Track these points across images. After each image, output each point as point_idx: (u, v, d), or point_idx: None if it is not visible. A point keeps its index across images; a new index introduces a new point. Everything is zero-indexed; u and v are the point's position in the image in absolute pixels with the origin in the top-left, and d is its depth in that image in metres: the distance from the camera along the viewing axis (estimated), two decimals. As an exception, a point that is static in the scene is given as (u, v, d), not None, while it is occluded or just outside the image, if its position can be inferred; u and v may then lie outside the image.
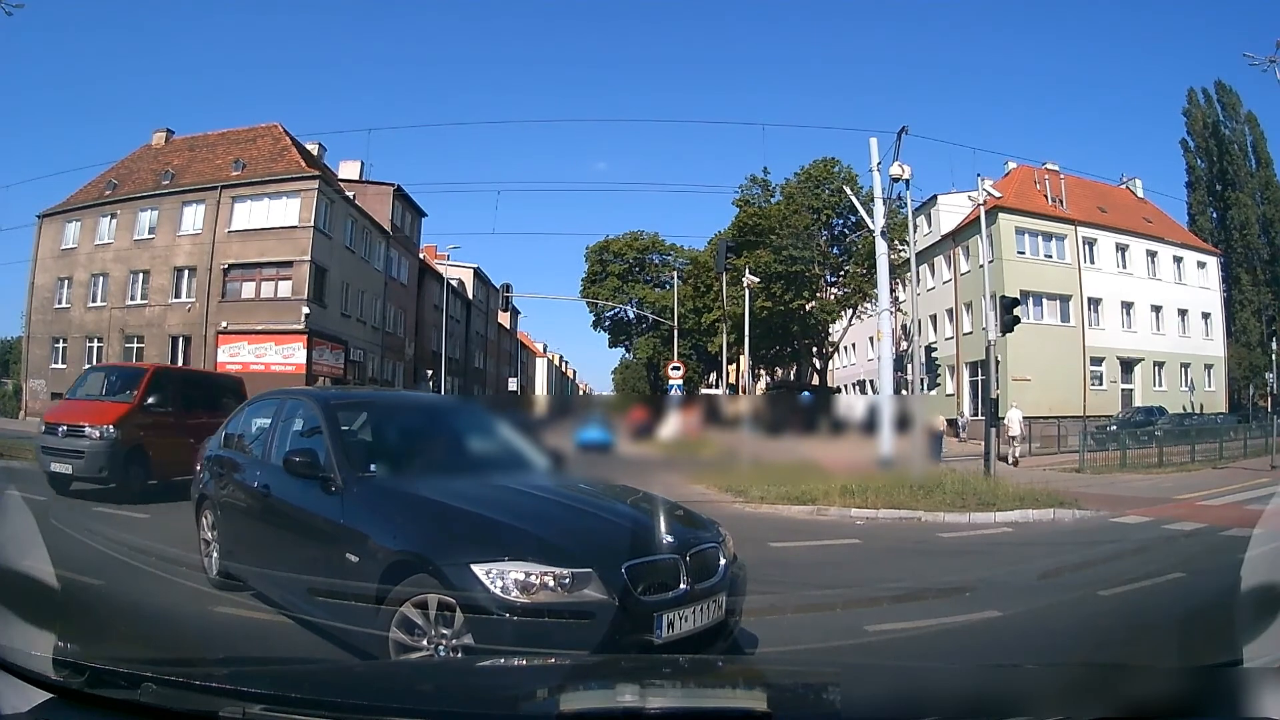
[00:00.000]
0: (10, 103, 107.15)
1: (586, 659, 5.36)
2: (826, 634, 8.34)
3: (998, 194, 36.62)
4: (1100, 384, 55.75)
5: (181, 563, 10.49)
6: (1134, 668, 4.72)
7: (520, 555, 5.86)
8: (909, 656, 7.37)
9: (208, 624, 8.10)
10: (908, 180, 27.79)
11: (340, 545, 6.75)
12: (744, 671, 4.94)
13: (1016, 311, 26.85)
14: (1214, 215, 75.21)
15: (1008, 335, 27.85)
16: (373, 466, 7.68)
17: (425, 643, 5.82)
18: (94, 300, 55.41)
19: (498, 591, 5.64)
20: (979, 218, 34.58)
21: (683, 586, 6.16)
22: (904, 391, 33.38)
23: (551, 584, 5.72)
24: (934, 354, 42.34)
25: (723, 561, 6.66)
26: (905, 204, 32.14)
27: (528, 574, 5.71)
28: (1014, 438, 36.03)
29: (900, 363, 37.56)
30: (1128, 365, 58.11)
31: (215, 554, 9.33)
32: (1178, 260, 62.49)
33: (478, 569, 5.71)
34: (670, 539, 6.56)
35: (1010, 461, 32.97)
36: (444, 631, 5.75)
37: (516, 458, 8.69)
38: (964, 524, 16.81)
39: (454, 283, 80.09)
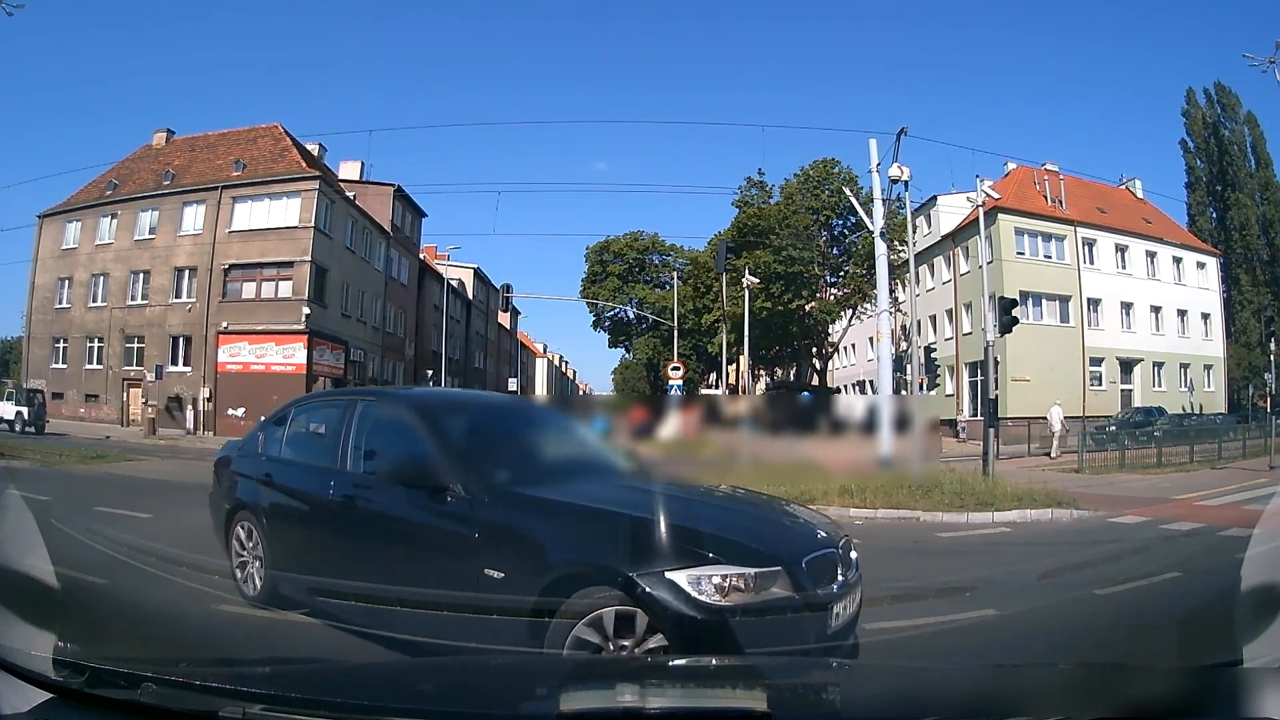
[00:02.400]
0: (11, 103, 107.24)
1: (586, 659, 5.37)
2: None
3: (996, 195, 36.63)
4: (1100, 384, 55.76)
5: (181, 563, 10.50)
6: (1134, 668, 4.72)
7: (715, 558, 5.83)
8: (908, 656, 7.35)
9: (208, 624, 8.07)
10: (907, 181, 27.80)
11: (475, 560, 6.40)
12: (744, 671, 4.90)
13: (1015, 312, 26.84)
14: (1213, 216, 75.30)
15: (1006, 336, 27.81)
16: (497, 473, 7.34)
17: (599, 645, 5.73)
18: (94, 300, 55.55)
19: (698, 596, 5.59)
20: (978, 219, 34.59)
21: (841, 578, 6.35)
22: (903, 392, 33.39)
23: (744, 585, 5.71)
24: (933, 354, 42.38)
25: (854, 553, 6.88)
26: (904, 205, 32.16)
27: (725, 576, 5.68)
28: (1055, 434, 36.84)
29: (900, 363, 37.47)
30: (1127, 366, 58.15)
31: (256, 570, 8.62)
32: (1177, 261, 62.50)
33: (676, 575, 5.64)
34: (824, 534, 6.80)
35: (1053, 456, 34.68)
36: (623, 643, 5.64)
37: (609, 458, 8.55)
38: (962, 524, 16.79)
39: (454, 283, 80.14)
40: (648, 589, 5.60)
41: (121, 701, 3.26)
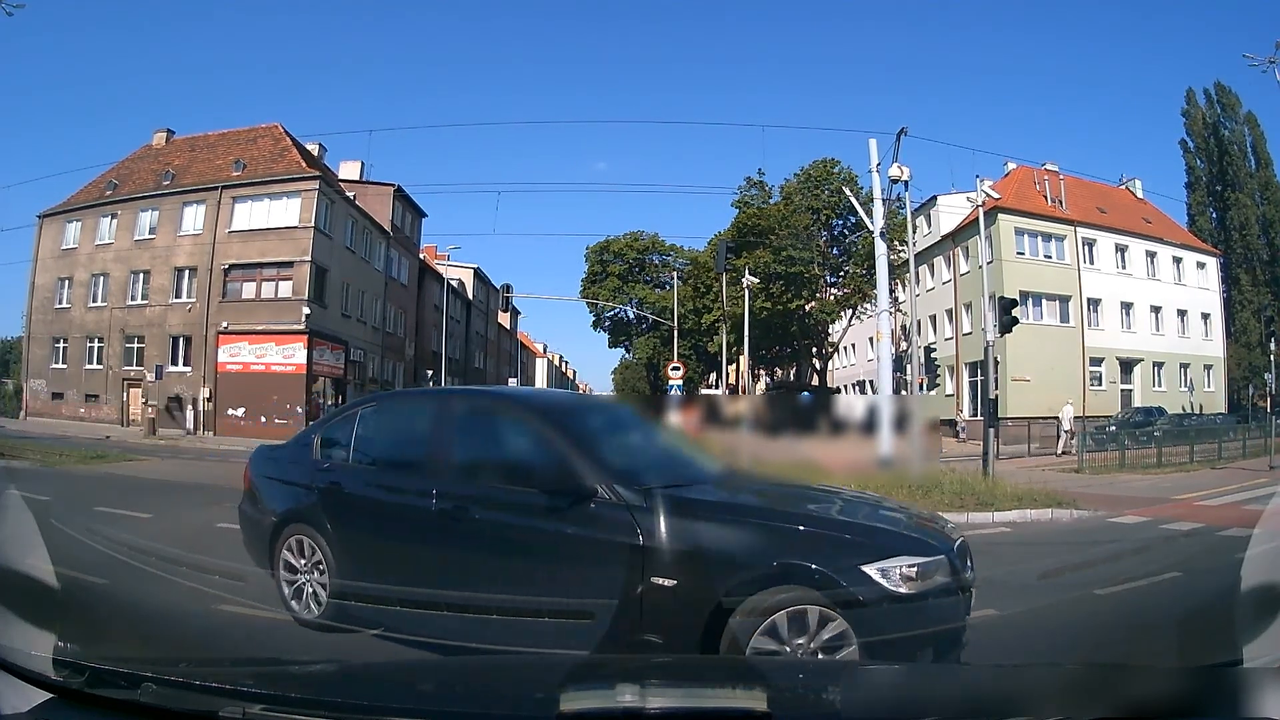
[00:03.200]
0: (11, 103, 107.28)
1: (587, 659, 5.38)
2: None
3: (996, 195, 36.63)
4: (1100, 384, 55.79)
5: (181, 562, 10.49)
6: (1134, 668, 4.72)
7: (898, 550, 6.13)
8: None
9: (208, 624, 8.04)
10: (906, 181, 27.77)
11: (640, 567, 6.21)
12: (744, 671, 4.93)
13: (1015, 312, 26.82)
14: (1213, 216, 75.35)
15: (1006, 336, 27.79)
16: (642, 475, 6.98)
17: (779, 645, 5.86)
18: (94, 300, 55.49)
19: (889, 587, 5.85)
20: (978, 219, 34.59)
21: (970, 565, 6.65)
22: (903, 392, 33.39)
23: (921, 573, 6.00)
24: (934, 354, 42.39)
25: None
26: (904, 205, 32.15)
27: (909, 566, 5.97)
28: (1067, 432, 38.06)
29: (900, 363, 37.50)
30: (1127, 366, 58.18)
31: (314, 588, 7.91)
32: (1177, 261, 62.55)
33: (869, 569, 5.87)
34: (950, 524, 7.47)
35: (1058, 454, 35.56)
36: (798, 641, 5.79)
37: (702, 456, 8.38)
38: (962, 523, 16.52)
39: (454, 283, 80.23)
40: (845, 583, 5.83)
41: (121, 701, 3.26)
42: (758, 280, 53.76)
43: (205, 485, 21.72)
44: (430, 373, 66.37)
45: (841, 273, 61.39)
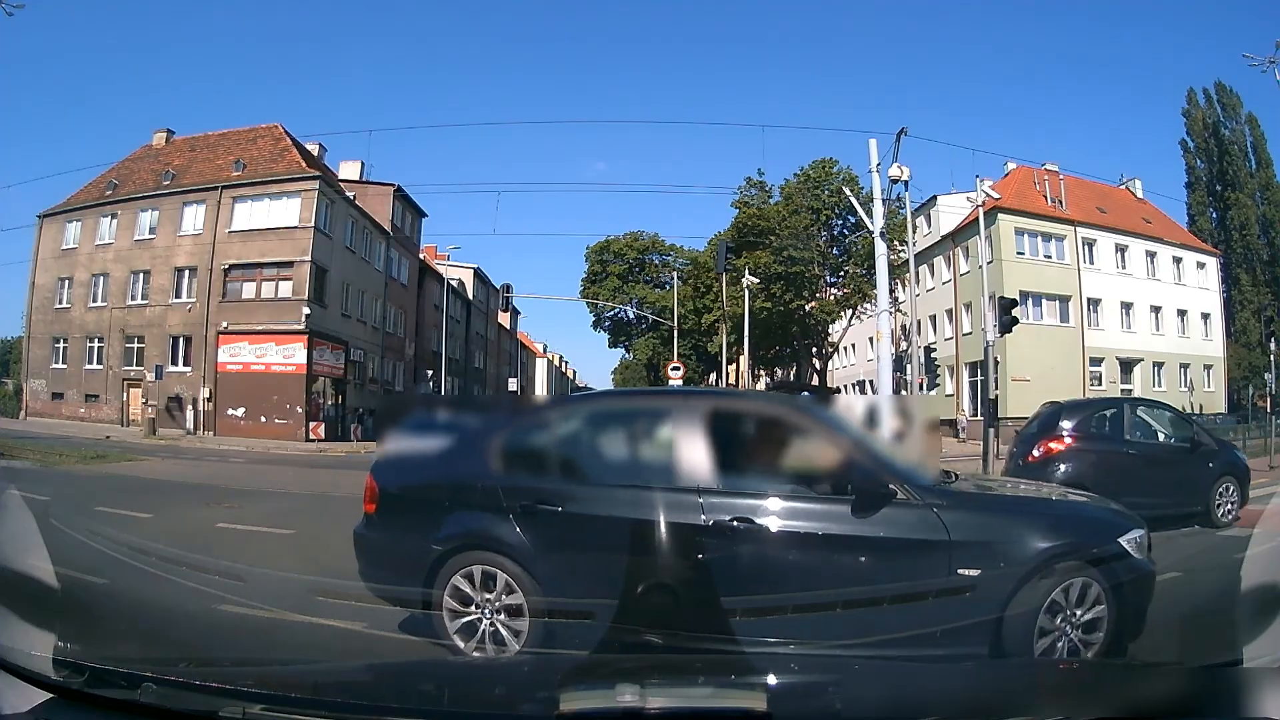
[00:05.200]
0: (11, 103, 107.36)
1: (587, 659, 5.38)
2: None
3: (996, 195, 36.62)
4: (1100, 385, 55.63)
5: (181, 562, 10.49)
6: (1134, 667, 4.74)
7: (1128, 525, 6.84)
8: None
9: (208, 624, 8.02)
10: (906, 181, 27.76)
11: (947, 562, 6.37)
12: (744, 671, 4.94)
13: (1015, 312, 26.84)
14: (1213, 216, 75.31)
15: (1006, 336, 27.79)
16: (914, 472, 6.99)
17: (1059, 621, 6.31)
18: (94, 300, 55.41)
19: (1138, 556, 6.63)
20: (978, 219, 34.61)
21: None
22: (904, 392, 33.37)
23: (1144, 543, 6.78)
24: (933, 354, 42.35)
25: None
26: (904, 205, 32.17)
27: (1140, 536, 6.74)
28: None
29: (900, 363, 37.47)
30: (1127, 366, 58.07)
31: (496, 623, 6.94)
32: (1177, 261, 62.51)
33: (1124, 540, 6.63)
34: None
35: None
36: (1076, 612, 6.32)
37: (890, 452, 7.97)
38: None
39: (454, 283, 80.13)
40: (1107, 556, 6.45)
41: (121, 701, 3.27)
42: (758, 280, 53.77)
43: (205, 485, 21.92)
44: (430, 372, 66.37)
45: (841, 273, 61.25)
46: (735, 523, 6.61)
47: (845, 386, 76.02)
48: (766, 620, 6.59)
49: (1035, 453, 15.68)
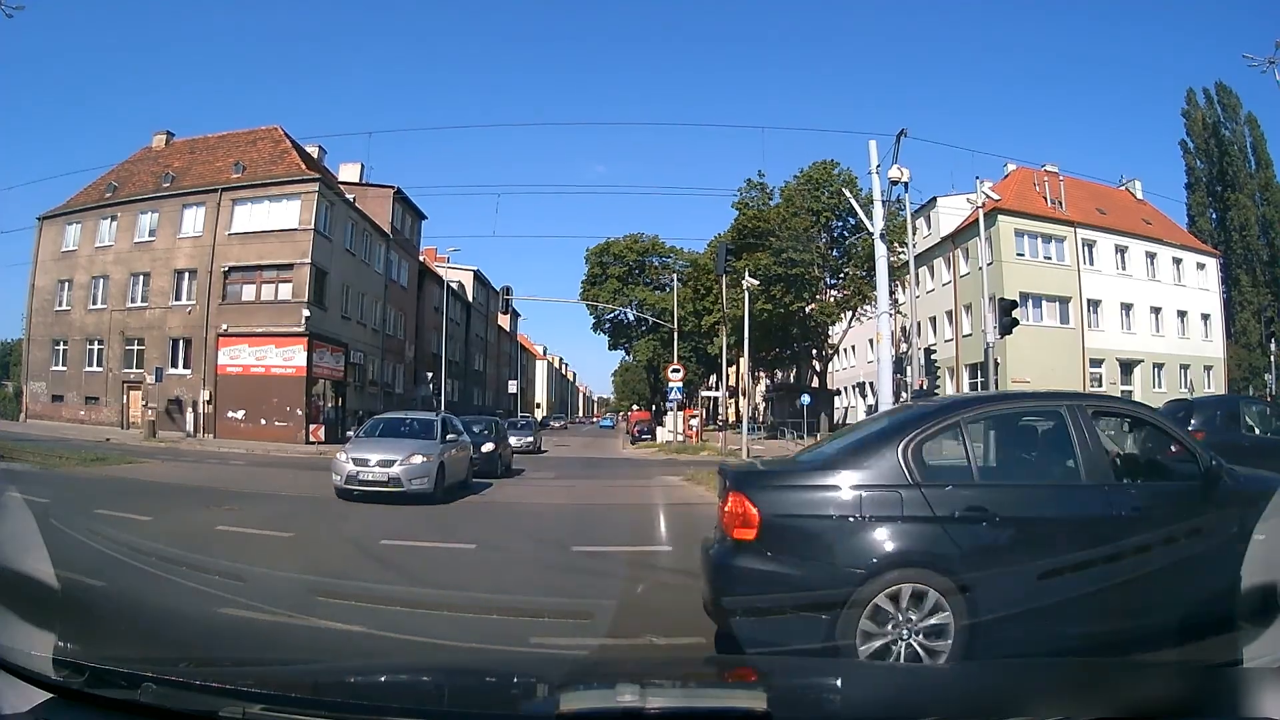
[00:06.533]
0: (10, 103, 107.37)
1: (587, 659, 5.39)
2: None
3: (996, 196, 36.61)
4: (1100, 386, 55.67)
5: (181, 563, 10.49)
6: (1134, 667, 4.73)
7: None
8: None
9: (208, 624, 8.03)
10: (906, 183, 27.61)
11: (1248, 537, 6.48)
12: (744, 671, 4.97)
13: (1015, 314, 26.81)
14: (1213, 216, 75.12)
15: (1007, 337, 27.78)
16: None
17: None
18: (94, 303, 55.34)
19: None
20: (978, 220, 34.59)
21: None
22: (903, 394, 33.28)
23: None
24: (934, 356, 42.32)
25: None
26: (904, 206, 32.11)
27: None
28: None
29: (900, 365, 37.42)
30: (1127, 367, 58.17)
31: (917, 645, 6.44)
32: (1177, 262, 62.65)
33: None
34: None
35: None
36: None
37: None
38: None
39: (454, 285, 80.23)
40: None
41: (121, 701, 3.25)
42: (758, 282, 53.75)
43: (205, 488, 21.92)
44: (430, 374, 66.08)
45: (841, 275, 61.41)
46: (1135, 514, 6.89)
47: (845, 388, 76.06)
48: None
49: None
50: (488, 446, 29.07)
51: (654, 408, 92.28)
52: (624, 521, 18.39)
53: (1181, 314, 61.58)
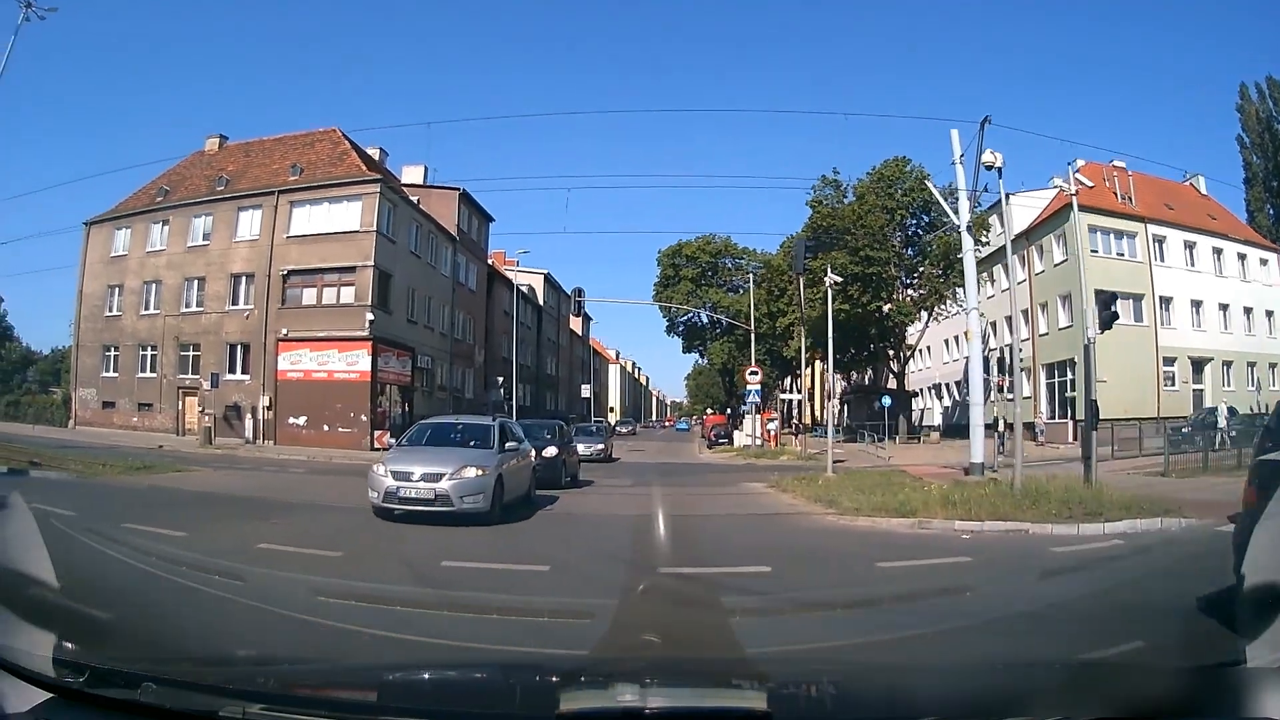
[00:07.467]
0: (56, 108, 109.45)
1: (586, 658, 5.41)
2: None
3: (1089, 183, 35.98)
4: (1173, 384, 55.20)
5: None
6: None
7: None
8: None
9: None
10: (1000, 168, 26.45)
11: None
12: (744, 671, 4.98)
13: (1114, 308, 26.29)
14: (1270, 212, 73.98)
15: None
16: None
17: None
18: (146, 308, 55.84)
19: None
20: (1056, 213, 34.37)
21: None
22: (992, 393, 32.68)
23: None
24: (1020, 355, 41.87)
25: None
26: (1000, 193, 31.27)
27: None
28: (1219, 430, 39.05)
29: (985, 365, 37.03)
30: (1198, 365, 57.48)
31: None
32: (1241, 257, 62.17)
33: None
34: None
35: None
36: None
37: None
38: (1074, 536, 16.27)
39: (524, 289, 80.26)
40: None
41: (121, 701, 3.28)
42: (840, 279, 53.58)
43: (255, 499, 21.30)
44: (501, 379, 66.12)
45: (917, 273, 61.01)
46: None
47: (922, 390, 75.77)
48: None
49: None
50: (550, 451, 27.37)
51: (728, 411, 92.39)
52: (712, 535, 17.50)
53: (1247, 310, 60.98)
